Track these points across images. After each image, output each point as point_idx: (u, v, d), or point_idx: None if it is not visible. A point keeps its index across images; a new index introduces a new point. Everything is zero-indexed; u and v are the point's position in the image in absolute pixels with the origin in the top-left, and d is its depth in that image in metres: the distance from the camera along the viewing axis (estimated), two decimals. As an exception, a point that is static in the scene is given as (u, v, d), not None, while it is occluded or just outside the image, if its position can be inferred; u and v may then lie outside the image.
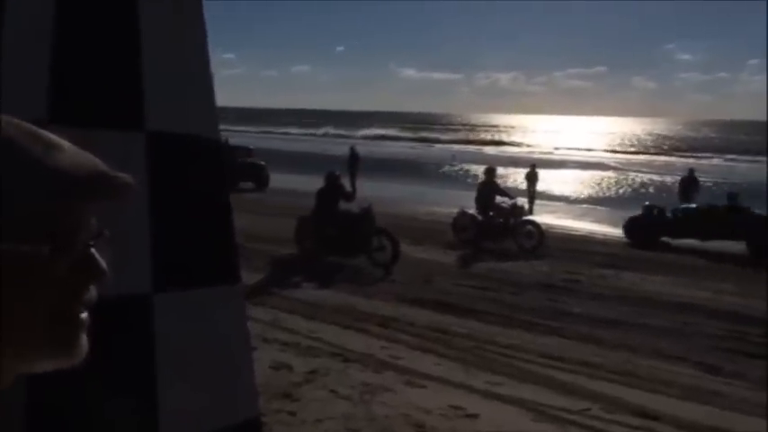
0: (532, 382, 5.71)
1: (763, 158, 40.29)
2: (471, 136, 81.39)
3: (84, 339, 0.56)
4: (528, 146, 59.96)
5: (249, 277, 8.50)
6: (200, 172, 1.76)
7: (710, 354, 6.63)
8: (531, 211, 17.82)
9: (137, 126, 1.55)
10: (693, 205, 14.49)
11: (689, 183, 17.11)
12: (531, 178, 19.48)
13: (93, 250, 0.55)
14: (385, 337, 6.79)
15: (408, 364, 5.98)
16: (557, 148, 55.88)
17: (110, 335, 1.60)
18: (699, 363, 6.34)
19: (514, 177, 27.67)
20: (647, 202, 15.16)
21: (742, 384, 5.84)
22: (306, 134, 64.22)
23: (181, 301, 1.77)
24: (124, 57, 1.51)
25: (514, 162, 34.23)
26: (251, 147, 22.84)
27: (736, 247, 12.53)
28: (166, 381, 1.73)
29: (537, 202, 19.13)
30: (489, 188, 13.14)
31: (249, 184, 19.03)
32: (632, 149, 61.47)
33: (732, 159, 47.17)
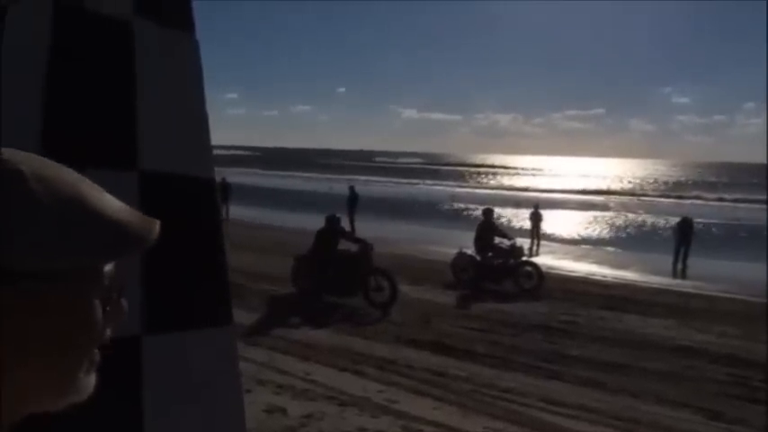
0: (532, 427, 5.59)
1: (762, 201, 40.45)
2: (470, 176, 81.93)
3: (94, 378, 0.58)
4: (527, 187, 60.17)
5: (245, 317, 8.43)
6: (194, 212, 1.75)
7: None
8: (537, 253, 17.79)
9: (130, 165, 1.54)
10: None
11: (684, 227, 17.21)
12: (535, 219, 19.49)
13: (121, 298, 0.59)
14: (382, 380, 6.68)
15: (405, 408, 5.87)
16: (556, 189, 56.11)
17: (98, 376, 1.56)
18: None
19: (509, 217, 27.72)
20: None
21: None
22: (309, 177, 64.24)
23: (171, 344, 1.73)
24: (118, 95, 1.51)
25: (514, 202, 34.35)
26: None
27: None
28: (154, 425, 1.68)
29: (536, 242, 19.09)
30: (488, 229, 13.13)
31: None
32: (632, 191, 61.71)
33: (731, 201, 47.31)
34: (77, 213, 0.52)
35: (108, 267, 0.56)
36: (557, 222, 26.11)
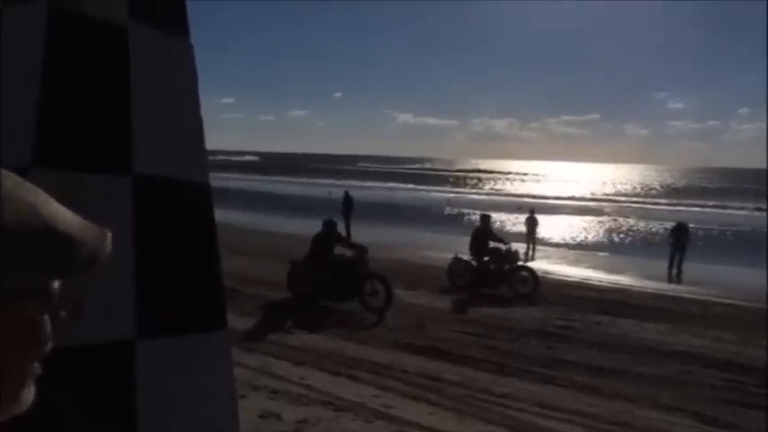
0: (527, 432, 5.59)
1: (756, 207, 40.56)
2: (466, 181, 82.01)
3: (33, 390, 0.56)
4: (522, 192, 60.20)
5: (240, 321, 8.40)
6: (188, 216, 1.74)
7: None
8: (532, 258, 17.78)
9: (124, 170, 1.53)
10: None
11: (680, 232, 17.21)
12: (531, 224, 19.49)
13: (69, 309, 0.57)
14: (377, 385, 6.67)
15: (400, 413, 5.86)
16: (551, 195, 56.17)
17: (91, 381, 1.55)
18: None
19: (505, 222, 27.75)
20: None
21: None
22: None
23: (165, 348, 1.73)
24: (113, 100, 1.51)
25: (509, 207, 34.37)
26: None
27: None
28: (147, 429, 1.67)
29: (532, 247, 19.09)
30: (484, 234, 13.14)
31: None
32: (627, 196, 61.79)
33: (725, 207, 47.39)
34: (25, 229, 0.50)
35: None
36: (552, 227, 26.15)
